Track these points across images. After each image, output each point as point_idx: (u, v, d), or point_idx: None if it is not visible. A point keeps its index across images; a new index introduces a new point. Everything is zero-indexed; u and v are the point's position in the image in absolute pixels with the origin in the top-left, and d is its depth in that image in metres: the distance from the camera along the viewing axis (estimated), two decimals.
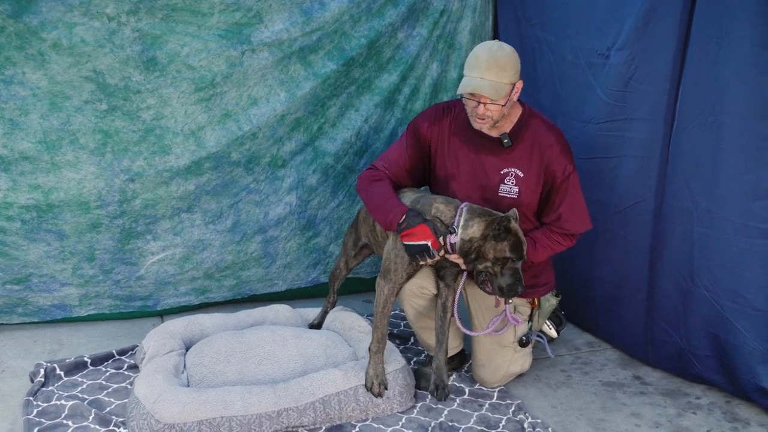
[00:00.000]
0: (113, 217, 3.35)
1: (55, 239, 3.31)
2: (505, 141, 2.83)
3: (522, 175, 2.84)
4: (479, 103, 2.71)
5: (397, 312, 3.70)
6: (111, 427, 2.66)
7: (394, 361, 2.89)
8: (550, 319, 3.11)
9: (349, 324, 3.19)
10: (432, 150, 2.96)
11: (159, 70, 3.23)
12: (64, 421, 2.68)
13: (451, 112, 2.95)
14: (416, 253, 2.63)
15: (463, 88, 2.71)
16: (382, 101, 3.65)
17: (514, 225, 2.64)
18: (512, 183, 2.86)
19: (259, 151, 3.49)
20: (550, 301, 3.05)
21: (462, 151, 2.91)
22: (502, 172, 2.87)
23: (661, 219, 3.05)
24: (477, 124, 2.79)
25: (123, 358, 3.20)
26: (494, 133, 2.86)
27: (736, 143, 2.76)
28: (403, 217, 2.67)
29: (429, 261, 2.66)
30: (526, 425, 2.76)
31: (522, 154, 2.84)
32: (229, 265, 3.62)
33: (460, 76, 3.79)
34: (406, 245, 2.65)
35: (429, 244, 2.61)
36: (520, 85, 2.78)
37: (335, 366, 2.90)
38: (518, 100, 2.88)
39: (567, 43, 3.42)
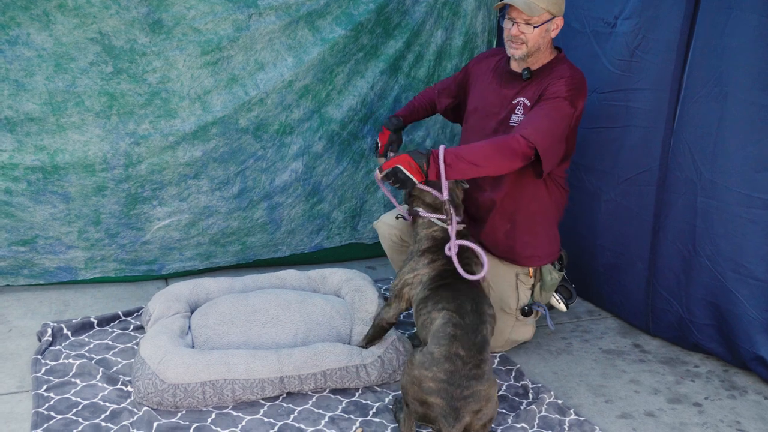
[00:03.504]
0: (119, 181, 3.35)
1: (61, 201, 3.32)
2: (524, 73, 2.89)
3: (529, 105, 2.87)
4: (513, 22, 2.79)
5: None
6: (118, 386, 2.70)
7: (388, 335, 2.90)
8: (559, 292, 3.12)
9: (359, 290, 3.21)
10: (470, 84, 3.11)
11: (165, 32, 3.22)
12: (73, 380, 2.72)
13: (499, 54, 3.07)
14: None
15: (499, 3, 2.85)
16: (387, 68, 3.64)
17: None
18: (521, 113, 2.89)
19: (268, 118, 3.48)
20: (552, 275, 3.06)
21: (492, 86, 3.02)
22: (513, 102, 2.92)
23: (664, 189, 3.07)
24: (510, 49, 2.86)
25: (129, 319, 3.23)
26: (519, 68, 2.93)
27: (741, 114, 2.77)
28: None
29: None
30: (529, 390, 2.80)
31: (535, 86, 2.87)
32: (234, 231, 3.64)
33: (465, 44, 3.79)
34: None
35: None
36: (559, 21, 2.84)
37: (338, 335, 2.94)
38: (558, 48, 2.95)
39: (571, 11, 3.40)
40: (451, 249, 2.60)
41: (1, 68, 3.07)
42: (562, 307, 3.11)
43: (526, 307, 3.03)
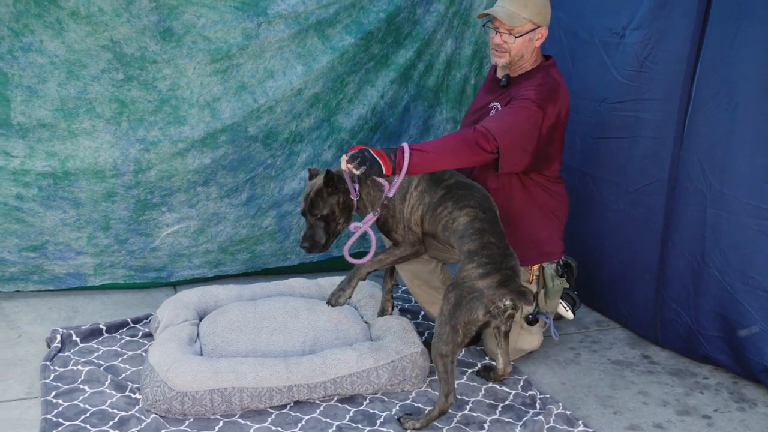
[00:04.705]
0: (128, 187, 3.37)
1: (71, 207, 3.34)
2: (502, 80, 2.94)
3: (500, 108, 2.91)
4: (497, 32, 2.84)
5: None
6: (127, 393, 2.71)
7: (413, 343, 2.91)
8: (564, 299, 3.10)
9: (373, 296, 3.22)
10: None
11: (175, 40, 3.24)
12: (81, 386, 2.73)
13: (490, 71, 3.13)
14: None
15: (481, 12, 2.89)
16: (398, 77, 3.65)
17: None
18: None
19: (277, 126, 3.50)
20: (555, 282, 3.05)
21: (480, 94, 3.10)
22: (489, 107, 2.97)
23: (673, 199, 3.06)
24: (494, 58, 2.91)
25: (137, 326, 3.24)
26: (502, 75, 2.97)
27: (751, 125, 2.77)
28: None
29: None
30: (537, 400, 2.80)
31: (510, 92, 2.91)
32: (243, 238, 3.65)
33: (474, 53, 3.80)
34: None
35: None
36: (543, 31, 2.87)
37: (347, 343, 2.93)
38: (546, 56, 2.97)
39: (580, 21, 3.41)
40: (358, 230, 2.71)
41: (15, 75, 3.10)
42: (570, 314, 3.10)
43: (530, 316, 3.03)
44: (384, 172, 2.51)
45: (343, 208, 2.81)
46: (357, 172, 2.48)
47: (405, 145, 2.56)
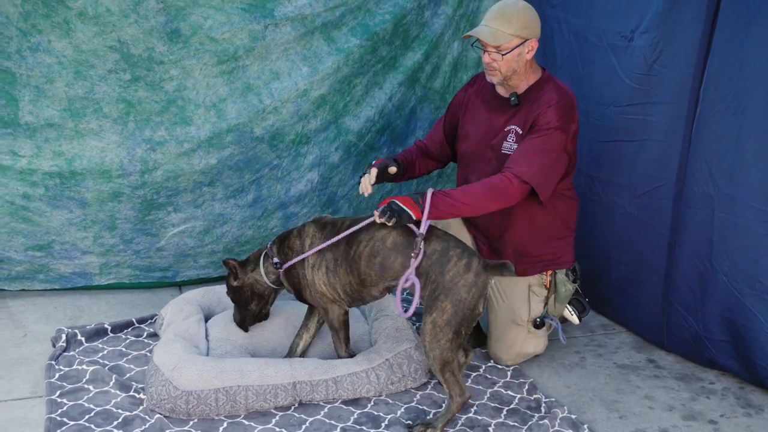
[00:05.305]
0: (135, 187, 3.38)
1: (78, 207, 3.35)
2: (512, 99, 2.90)
3: (521, 133, 2.88)
4: (485, 51, 2.82)
5: None
6: (131, 393, 2.71)
7: (407, 340, 2.92)
8: (572, 305, 3.11)
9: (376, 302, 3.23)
10: (460, 114, 3.10)
11: (182, 41, 3.25)
12: (86, 386, 2.74)
13: (482, 79, 3.06)
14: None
15: (466, 33, 2.86)
16: (405, 79, 3.66)
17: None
18: (513, 141, 2.90)
19: (284, 127, 3.50)
20: (566, 287, 3.05)
21: (480, 112, 3.03)
22: (505, 130, 2.93)
23: (681, 203, 3.05)
24: (488, 76, 2.89)
25: (142, 326, 3.25)
26: (506, 93, 2.93)
27: (759, 129, 2.75)
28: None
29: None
30: (542, 404, 2.79)
31: (525, 112, 2.88)
32: (248, 239, 3.65)
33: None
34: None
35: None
36: (533, 44, 2.83)
37: (353, 345, 2.97)
38: (542, 67, 2.94)
39: (589, 24, 3.40)
40: (414, 282, 2.60)
41: (23, 74, 3.11)
42: (575, 319, 3.10)
43: (538, 320, 3.02)
44: (414, 218, 2.60)
45: (252, 292, 2.92)
46: (390, 224, 2.58)
47: (429, 190, 2.65)
